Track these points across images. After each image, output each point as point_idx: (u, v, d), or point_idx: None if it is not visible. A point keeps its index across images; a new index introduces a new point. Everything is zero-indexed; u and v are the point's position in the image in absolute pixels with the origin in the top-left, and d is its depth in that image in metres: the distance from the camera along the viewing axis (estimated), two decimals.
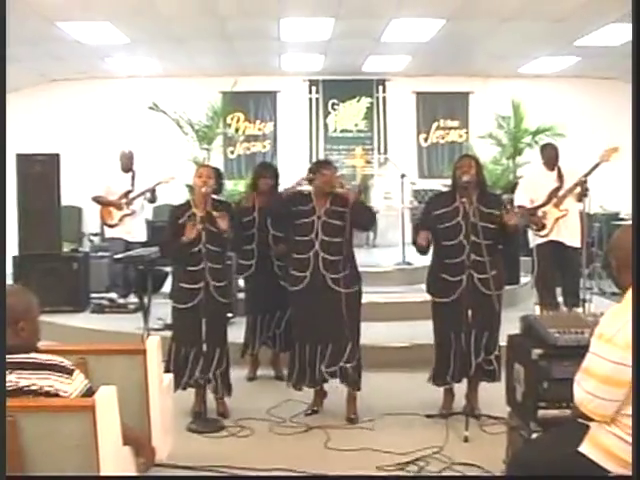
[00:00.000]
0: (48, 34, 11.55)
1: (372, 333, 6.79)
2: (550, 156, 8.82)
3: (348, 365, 6.21)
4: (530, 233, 8.94)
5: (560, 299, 8.86)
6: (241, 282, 8.13)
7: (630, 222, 3.74)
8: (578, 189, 8.45)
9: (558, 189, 8.50)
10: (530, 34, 12.47)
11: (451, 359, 6.19)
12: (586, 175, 8.38)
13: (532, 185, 8.89)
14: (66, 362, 3.45)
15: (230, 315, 6.80)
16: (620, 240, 3.58)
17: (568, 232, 8.47)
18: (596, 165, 8.40)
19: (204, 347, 6.10)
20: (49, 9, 10.32)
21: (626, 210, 12.30)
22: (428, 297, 6.44)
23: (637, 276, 3.22)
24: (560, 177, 8.58)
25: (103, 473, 3.22)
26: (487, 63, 15.10)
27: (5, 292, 3.43)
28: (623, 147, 13.72)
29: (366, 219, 6.53)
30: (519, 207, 8.90)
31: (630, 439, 3.25)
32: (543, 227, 8.62)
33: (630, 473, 3.25)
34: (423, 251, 6.25)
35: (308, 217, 6.25)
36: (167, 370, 6.00)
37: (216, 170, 6.58)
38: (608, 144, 8.52)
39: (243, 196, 7.93)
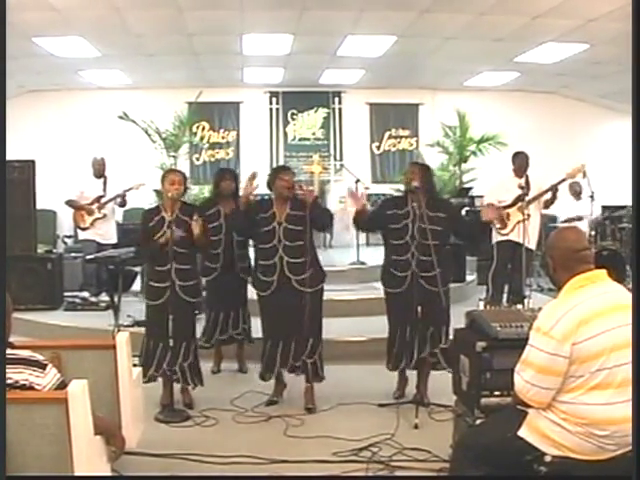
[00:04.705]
0: (25, 49, 11.41)
1: (328, 328, 6.79)
2: (521, 164, 8.84)
3: (309, 360, 6.25)
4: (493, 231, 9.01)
5: (505, 296, 8.96)
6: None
7: (564, 225, 3.79)
8: (548, 195, 8.64)
9: (524, 195, 8.55)
10: (473, 51, 12.60)
11: (400, 344, 6.28)
12: (550, 189, 8.55)
13: (500, 188, 8.94)
14: (40, 357, 3.41)
15: (196, 312, 6.74)
16: (556, 241, 3.63)
17: (527, 234, 8.52)
18: (562, 180, 8.63)
19: (170, 342, 6.09)
20: (25, 26, 10.20)
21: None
22: (381, 294, 6.52)
23: (637, 275, 3.27)
24: (527, 184, 8.63)
25: (76, 461, 3.20)
26: (435, 77, 15.20)
27: (5, 292, 3.38)
28: (559, 153, 14.01)
29: (324, 219, 6.51)
30: (488, 205, 9.02)
31: (563, 423, 3.30)
32: (505, 226, 8.71)
33: (562, 454, 3.30)
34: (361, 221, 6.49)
35: (270, 224, 6.22)
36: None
37: (182, 174, 6.56)
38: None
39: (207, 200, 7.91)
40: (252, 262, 6.84)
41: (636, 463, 3.00)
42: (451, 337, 5.81)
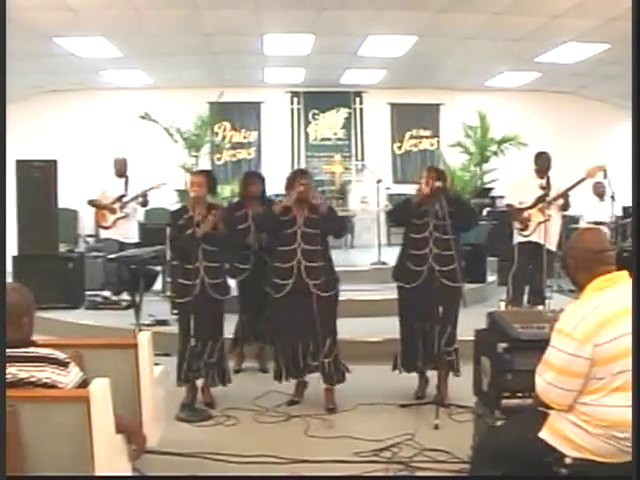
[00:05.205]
0: (46, 49, 11.50)
1: (350, 328, 6.79)
2: (543, 165, 8.78)
3: (326, 360, 6.25)
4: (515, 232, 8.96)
5: (526, 297, 8.92)
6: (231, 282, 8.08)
7: (584, 226, 3.77)
8: (561, 200, 8.58)
9: (545, 196, 8.52)
10: (493, 51, 12.56)
11: (416, 345, 6.35)
12: (570, 189, 8.50)
13: (521, 188, 8.89)
14: (62, 355, 3.43)
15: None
16: (576, 242, 3.62)
17: (547, 235, 8.49)
18: (581, 180, 8.57)
19: (193, 341, 6.15)
20: (46, 26, 10.28)
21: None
22: None
23: (637, 275, 3.25)
24: (548, 185, 8.59)
25: (97, 459, 3.21)
26: (455, 77, 15.13)
27: (5, 292, 3.41)
28: (578, 154, 13.88)
29: (336, 227, 6.53)
30: (508, 205, 9.00)
31: (584, 424, 3.28)
32: (526, 227, 8.67)
33: (582, 456, 3.28)
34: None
35: (290, 228, 6.26)
36: None
37: (207, 173, 6.62)
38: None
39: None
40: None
41: (636, 463, 2.99)
42: (466, 338, 5.84)
